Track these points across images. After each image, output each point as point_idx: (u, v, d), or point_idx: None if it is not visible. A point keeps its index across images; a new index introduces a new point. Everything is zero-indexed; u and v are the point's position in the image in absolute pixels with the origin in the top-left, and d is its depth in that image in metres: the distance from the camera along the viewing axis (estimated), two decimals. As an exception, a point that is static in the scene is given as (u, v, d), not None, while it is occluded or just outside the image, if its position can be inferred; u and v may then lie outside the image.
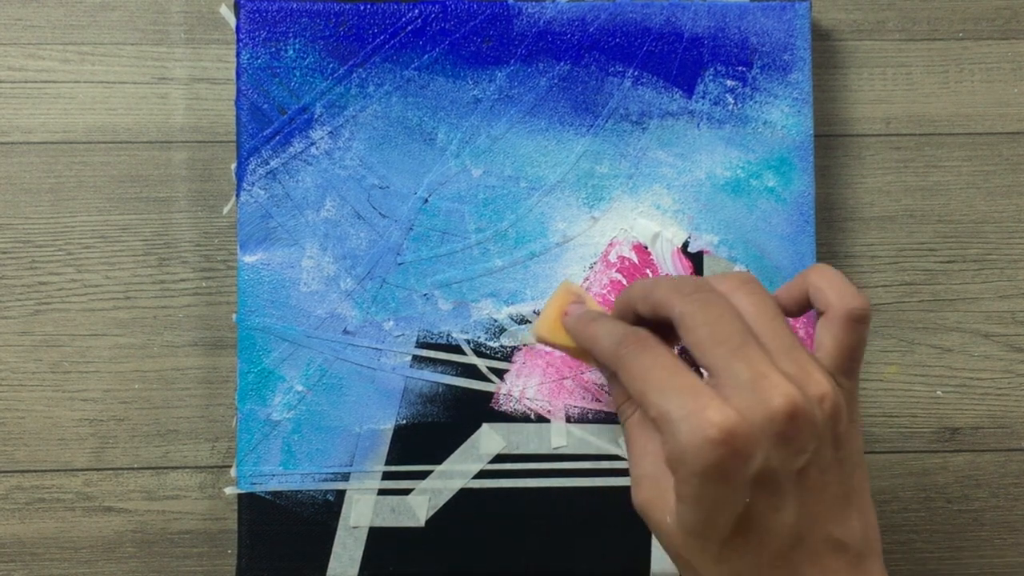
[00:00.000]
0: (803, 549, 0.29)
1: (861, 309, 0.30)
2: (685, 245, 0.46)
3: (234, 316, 0.45)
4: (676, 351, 0.31)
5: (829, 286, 0.31)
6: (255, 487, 0.45)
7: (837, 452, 0.30)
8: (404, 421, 0.45)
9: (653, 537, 0.45)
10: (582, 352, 0.36)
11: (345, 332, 0.45)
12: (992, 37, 0.50)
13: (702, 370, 0.30)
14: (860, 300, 0.30)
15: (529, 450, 0.45)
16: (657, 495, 0.31)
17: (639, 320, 0.33)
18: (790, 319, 0.33)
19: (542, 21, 0.46)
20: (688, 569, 0.30)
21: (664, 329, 0.32)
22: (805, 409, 0.28)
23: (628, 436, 0.33)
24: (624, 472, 0.45)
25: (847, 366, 0.31)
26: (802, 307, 0.32)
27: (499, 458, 0.45)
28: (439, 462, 0.45)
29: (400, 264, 0.45)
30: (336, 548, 0.45)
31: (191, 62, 0.48)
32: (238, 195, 0.45)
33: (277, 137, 0.45)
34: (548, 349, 0.45)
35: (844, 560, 0.30)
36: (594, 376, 0.45)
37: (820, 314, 0.31)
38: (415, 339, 0.45)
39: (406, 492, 0.45)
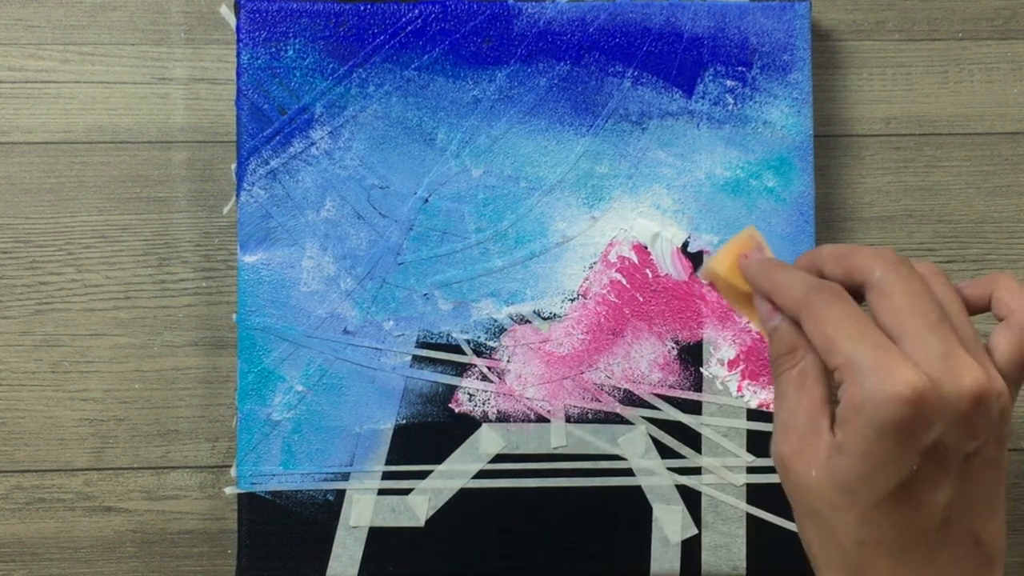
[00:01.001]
0: (946, 534, 0.30)
1: None
2: (685, 245, 0.46)
3: (234, 316, 0.45)
4: None
5: (1013, 295, 0.31)
6: (255, 487, 0.45)
7: (998, 451, 0.30)
8: (404, 421, 0.45)
9: (653, 537, 0.45)
10: (743, 300, 0.36)
11: (345, 332, 0.45)
12: (992, 37, 0.50)
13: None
14: None
15: (529, 450, 0.45)
16: (804, 448, 0.30)
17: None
18: None
19: (542, 21, 0.46)
20: (822, 527, 0.30)
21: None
22: (989, 397, 0.29)
23: (781, 390, 0.32)
24: (623, 472, 0.45)
25: (1019, 375, 0.31)
26: (980, 309, 0.33)
27: (499, 458, 0.45)
28: (439, 462, 0.45)
29: (400, 264, 0.45)
30: (336, 548, 0.45)
31: (191, 62, 0.48)
32: (238, 195, 0.45)
33: (277, 137, 0.45)
34: (543, 346, 0.45)
35: (976, 557, 0.30)
36: (594, 376, 0.45)
37: (999, 319, 0.32)
38: (415, 339, 0.45)
39: (406, 492, 0.45)
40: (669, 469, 0.45)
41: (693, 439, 0.45)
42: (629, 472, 0.45)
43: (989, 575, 0.30)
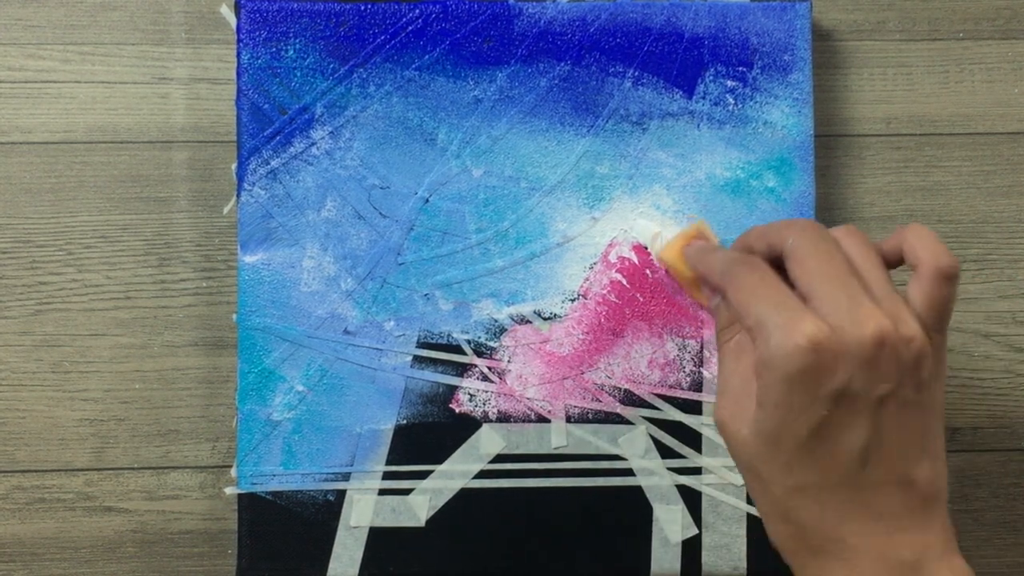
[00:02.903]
0: (869, 475, 0.31)
1: (950, 267, 0.32)
2: (685, 245, 0.46)
3: (234, 316, 0.45)
4: None
5: (922, 244, 0.32)
6: (255, 487, 0.45)
7: (918, 394, 0.31)
8: (404, 421, 0.45)
9: (653, 537, 0.45)
10: (691, 283, 0.40)
11: (346, 332, 0.45)
12: (992, 37, 0.50)
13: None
14: (950, 258, 0.32)
15: (529, 450, 0.45)
16: (738, 410, 0.32)
17: None
18: None
19: (542, 21, 0.46)
20: (757, 480, 0.32)
21: (776, 269, 0.33)
22: (893, 340, 0.30)
23: (721, 360, 0.35)
24: (623, 472, 0.45)
25: (936, 321, 0.32)
26: (896, 262, 0.34)
27: (499, 458, 0.45)
28: (439, 462, 0.45)
29: (401, 264, 0.45)
30: (336, 548, 0.45)
31: (191, 62, 0.48)
32: (238, 195, 0.45)
33: (278, 137, 0.45)
34: (546, 346, 0.45)
35: (909, 497, 0.31)
36: (594, 376, 0.45)
37: (912, 269, 0.33)
38: (415, 339, 0.45)
39: (406, 492, 0.45)
40: (669, 469, 0.45)
41: (693, 439, 0.45)
42: (629, 472, 0.45)
43: (926, 515, 0.31)
